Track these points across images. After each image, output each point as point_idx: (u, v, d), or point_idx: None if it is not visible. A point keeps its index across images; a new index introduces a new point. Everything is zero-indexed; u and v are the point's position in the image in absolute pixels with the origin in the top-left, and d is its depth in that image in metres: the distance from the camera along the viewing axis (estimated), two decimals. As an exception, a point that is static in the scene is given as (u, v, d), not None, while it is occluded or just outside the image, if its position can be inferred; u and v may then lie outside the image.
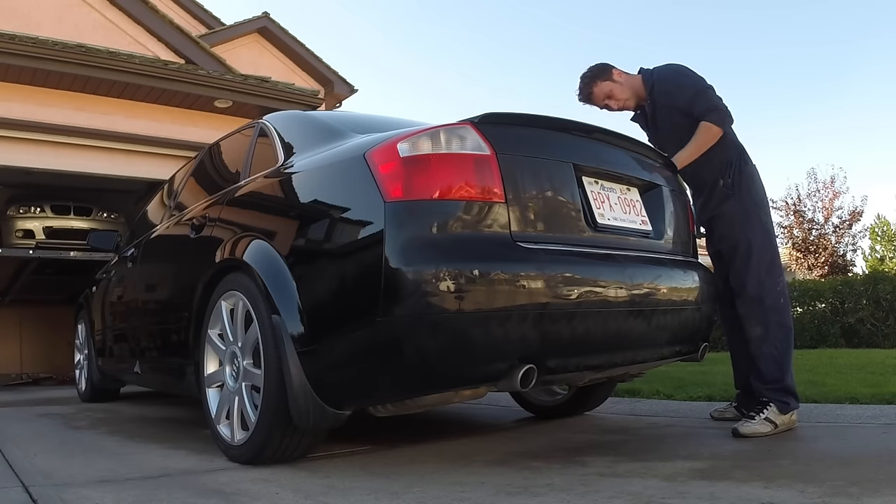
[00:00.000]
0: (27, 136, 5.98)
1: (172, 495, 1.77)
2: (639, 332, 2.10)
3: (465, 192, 1.81)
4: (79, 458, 2.41)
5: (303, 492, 1.77)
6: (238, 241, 2.34)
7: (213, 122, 6.63)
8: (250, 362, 2.19)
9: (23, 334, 9.18)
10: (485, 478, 1.90)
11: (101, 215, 7.74)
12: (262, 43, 9.79)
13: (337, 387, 1.95)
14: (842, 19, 33.94)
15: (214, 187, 2.99)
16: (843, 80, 35.23)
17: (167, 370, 3.05)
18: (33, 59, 5.66)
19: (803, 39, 35.87)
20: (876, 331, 9.03)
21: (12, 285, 8.36)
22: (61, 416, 3.86)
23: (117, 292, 3.91)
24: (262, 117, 2.86)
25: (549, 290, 1.84)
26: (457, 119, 1.93)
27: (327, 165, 2.13)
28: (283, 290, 2.03)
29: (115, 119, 6.36)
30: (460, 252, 1.77)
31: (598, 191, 2.13)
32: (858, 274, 15.15)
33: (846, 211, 18.07)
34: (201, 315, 2.50)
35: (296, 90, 7.18)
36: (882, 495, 1.52)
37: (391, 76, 55.04)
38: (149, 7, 7.15)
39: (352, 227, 1.92)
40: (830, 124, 36.47)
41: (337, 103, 10.14)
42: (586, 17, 44.18)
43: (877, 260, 20.55)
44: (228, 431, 2.27)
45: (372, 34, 55.95)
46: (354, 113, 3.23)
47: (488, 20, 53.08)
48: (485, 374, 1.83)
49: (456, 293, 1.71)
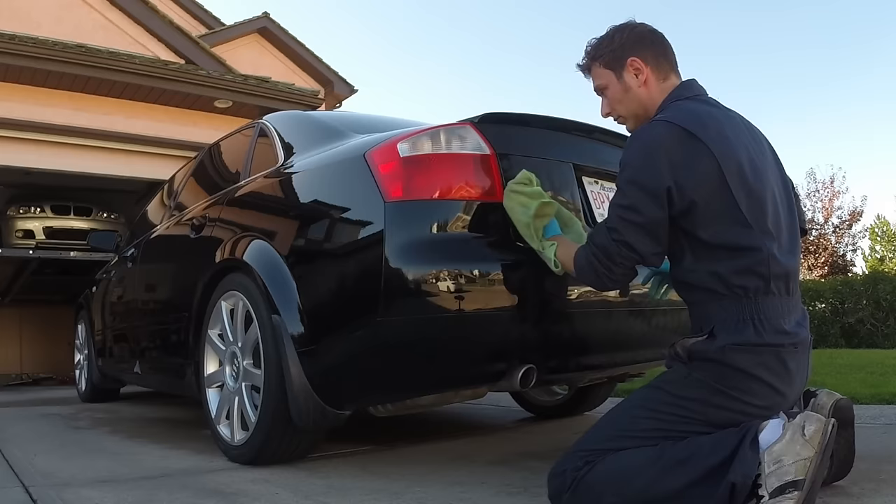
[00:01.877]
0: (27, 136, 5.99)
1: (172, 495, 1.77)
2: (639, 331, 2.10)
3: (466, 192, 1.81)
4: (79, 459, 2.41)
5: (303, 492, 1.77)
6: (238, 241, 2.34)
7: (213, 123, 6.63)
8: (250, 362, 2.19)
9: (23, 334, 9.19)
10: (485, 478, 1.90)
11: (101, 215, 7.74)
12: (262, 43, 9.80)
13: (337, 387, 1.95)
14: (842, 20, 33.97)
15: (214, 187, 2.99)
16: (842, 80, 35.26)
17: (167, 370, 3.05)
18: (33, 59, 5.66)
19: (803, 40, 35.89)
20: (876, 331, 9.04)
21: (12, 285, 8.37)
22: (61, 416, 3.87)
23: (117, 292, 3.91)
24: (262, 117, 2.86)
25: (549, 291, 1.84)
26: (457, 119, 1.93)
27: (327, 165, 2.13)
28: (283, 290, 2.03)
29: (114, 119, 6.37)
30: (460, 252, 1.76)
31: (598, 191, 2.13)
32: (858, 274, 15.17)
33: (846, 211, 18.10)
34: (201, 315, 2.50)
35: (296, 90, 7.19)
36: (882, 495, 1.52)
37: (391, 76, 55.13)
38: (149, 7, 7.16)
39: (352, 227, 1.92)
40: (830, 124, 36.49)
41: (337, 103, 10.14)
42: (588, 20, 44.24)
43: (877, 260, 20.54)
44: (228, 431, 2.27)
45: (372, 34, 56.07)
46: (354, 113, 3.23)
47: (489, 21, 53.16)
48: (485, 374, 1.83)
49: (456, 293, 1.71)
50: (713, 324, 1.44)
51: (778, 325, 1.42)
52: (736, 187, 1.43)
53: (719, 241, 1.44)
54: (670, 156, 1.43)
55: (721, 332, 1.43)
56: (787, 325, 1.43)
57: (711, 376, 1.41)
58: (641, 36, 1.63)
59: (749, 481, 1.30)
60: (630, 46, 1.62)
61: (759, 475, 1.30)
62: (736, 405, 1.40)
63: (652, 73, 1.61)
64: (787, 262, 1.46)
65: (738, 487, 1.30)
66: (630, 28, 1.64)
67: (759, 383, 1.39)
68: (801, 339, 1.45)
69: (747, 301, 1.42)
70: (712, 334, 1.43)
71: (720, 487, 1.31)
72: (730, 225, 1.43)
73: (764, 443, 1.33)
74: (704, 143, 1.43)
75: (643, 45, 1.62)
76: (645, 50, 1.61)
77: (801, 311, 1.52)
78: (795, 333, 1.43)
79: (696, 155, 1.43)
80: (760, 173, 1.49)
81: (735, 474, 1.30)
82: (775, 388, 1.40)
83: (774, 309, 1.43)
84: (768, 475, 1.29)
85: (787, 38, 36.22)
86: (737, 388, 1.40)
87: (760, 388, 1.40)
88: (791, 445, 1.30)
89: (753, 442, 1.33)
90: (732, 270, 1.42)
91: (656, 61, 1.61)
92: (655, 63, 1.61)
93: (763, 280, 1.42)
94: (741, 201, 1.43)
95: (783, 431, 1.33)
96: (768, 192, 1.48)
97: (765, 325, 1.41)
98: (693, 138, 1.43)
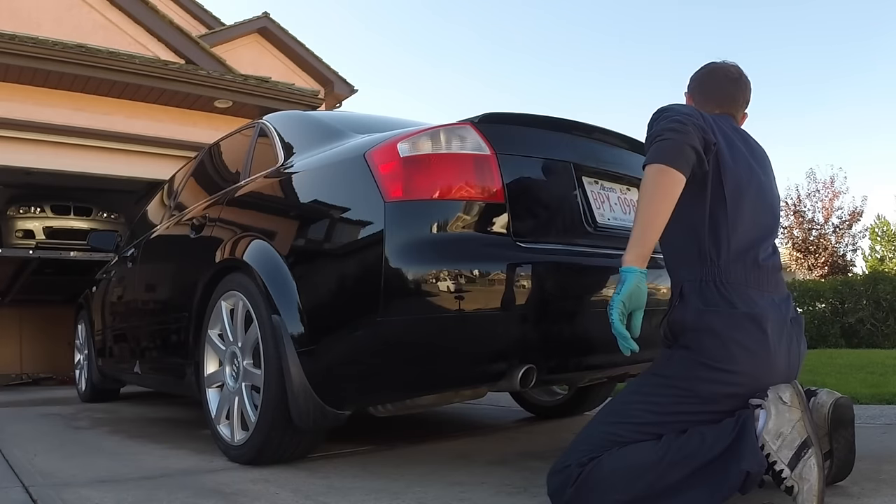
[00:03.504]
0: (27, 136, 5.99)
1: (172, 495, 1.77)
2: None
3: (465, 192, 1.81)
4: (79, 459, 2.41)
5: (303, 492, 1.77)
6: (238, 241, 2.34)
7: (213, 123, 6.63)
8: (250, 362, 2.19)
9: (23, 334, 9.18)
10: (485, 478, 1.90)
11: (101, 215, 7.74)
12: (262, 43, 9.79)
13: (337, 387, 1.95)
14: (842, 20, 33.97)
15: (214, 187, 2.99)
16: (843, 80, 35.27)
17: (167, 370, 3.05)
18: (33, 59, 5.66)
19: (803, 40, 35.90)
20: (876, 331, 9.04)
21: (12, 285, 8.36)
22: (61, 416, 3.86)
23: (117, 292, 3.91)
24: (262, 117, 2.86)
25: (549, 291, 1.84)
26: (457, 119, 1.93)
27: (327, 165, 2.13)
28: (283, 290, 2.03)
29: (114, 119, 6.36)
30: (460, 252, 1.77)
31: (598, 191, 2.13)
32: (858, 274, 15.16)
33: (846, 211, 18.08)
34: (201, 315, 2.50)
35: (296, 90, 7.18)
36: (882, 495, 1.52)
37: (391, 76, 55.15)
38: (149, 7, 7.16)
39: (352, 227, 1.92)
40: (830, 124, 36.50)
41: (337, 103, 10.14)
42: (588, 17, 44.29)
43: (877, 260, 20.55)
44: (228, 431, 2.27)
45: (372, 34, 56.05)
46: (354, 113, 3.23)
47: (489, 20, 53.19)
48: (485, 374, 1.83)
49: (456, 293, 1.71)
50: (680, 283, 1.56)
51: (741, 291, 1.49)
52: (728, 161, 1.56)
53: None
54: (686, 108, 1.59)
55: (690, 293, 1.52)
56: (749, 293, 1.49)
57: (693, 350, 1.47)
58: (699, 75, 1.82)
59: (763, 467, 1.38)
60: (690, 82, 1.83)
61: (768, 455, 1.38)
62: (721, 376, 1.45)
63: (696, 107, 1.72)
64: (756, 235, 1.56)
65: (752, 475, 1.36)
66: (701, 67, 1.83)
67: (738, 346, 1.44)
68: (771, 314, 1.49)
69: (710, 263, 1.51)
70: (681, 295, 1.54)
71: (730, 476, 1.37)
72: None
73: (757, 430, 1.40)
74: (707, 118, 1.57)
75: (696, 83, 1.81)
76: (696, 87, 1.81)
77: (785, 294, 1.58)
78: (761, 305, 1.48)
79: (700, 118, 1.54)
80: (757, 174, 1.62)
81: (749, 463, 1.36)
82: (754, 352, 1.44)
83: (736, 275, 1.50)
84: (778, 450, 1.38)
85: (787, 36, 36.24)
86: (717, 357, 1.45)
87: (740, 353, 1.44)
88: (780, 417, 1.40)
89: (752, 430, 1.40)
90: (700, 225, 1.53)
91: (703, 98, 1.78)
92: (702, 100, 1.77)
93: (728, 243, 1.51)
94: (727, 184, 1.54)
95: (767, 411, 1.41)
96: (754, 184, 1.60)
97: (728, 288, 1.49)
98: (693, 110, 1.58)
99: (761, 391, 1.45)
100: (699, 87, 1.81)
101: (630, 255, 1.46)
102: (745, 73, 1.78)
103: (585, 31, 44.79)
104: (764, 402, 1.43)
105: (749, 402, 1.45)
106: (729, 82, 1.76)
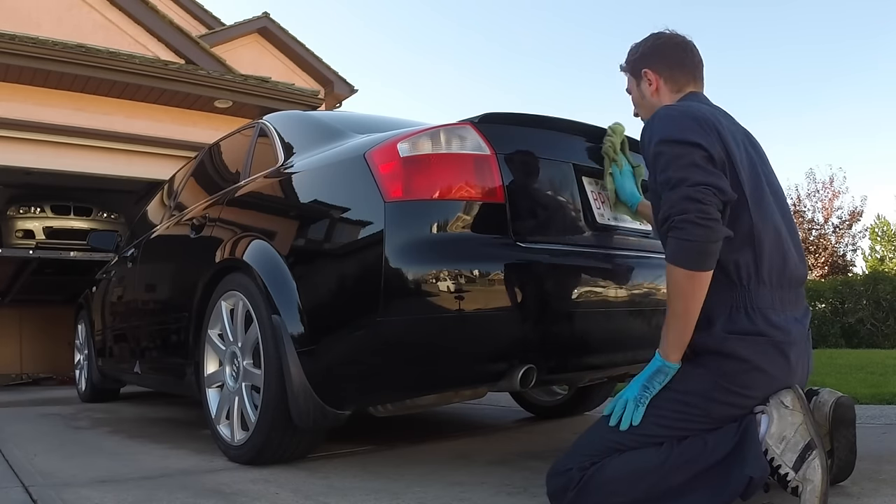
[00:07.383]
0: (27, 136, 5.99)
1: (172, 495, 1.77)
2: (639, 331, 2.10)
3: (466, 192, 1.81)
4: (79, 459, 2.41)
5: (303, 492, 1.77)
6: (238, 241, 2.34)
7: (213, 123, 6.63)
8: (250, 362, 2.19)
9: (23, 334, 9.18)
10: (485, 478, 1.90)
11: (101, 215, 7.74)
12: (262, 43, 9.79)
13: (337, 387, 1.95)
14: (843, 19, 33.96)
15: (214, 187, 2.99)
16: (842, 79, 35.25)
17: (167, 370, 3.05)
18: (33, 59, 5.66)
19: (803, 39, 35.89)
20: (876, 331, 9.05)
21: (12, 285, 8.36)
22: (61, 416, 3.86)
23: (117, 292, 3.91)
24: (262, 117, 2.86)
25: (549, 290, 1.84)
26: (457, 119, 1.93)
27: (327, 165, 2.13)
28: (283, 290, 2.03)
29: (114, 119, 6.36)
30: (460, 252, 1.76)
31: (598, 191, 2.13)
32: (858, 274, 15.17)
33: (846, 211, 18.08)
34: (201, 315, 2.50)
35: (296, 90, 7.19)
36: (882, 495, 1.52)
37: (391, 76, 55.11)
38: (149, 7, 7.16)
39: (352, 227, 1.92)
40: (830, 124, 36.49)
41: (337, 103, 10.14)
42: (589, 17, 44.25)
43: (877, 260, 20.55)
44: (228, 431, 2.27)
45: (372, 34, 56.06)
46: (354, 113, 3.23)
47: (489, 20, 53.18)
48: (485, 374, 1.83)
49: (456, 293, 1.71)
50: (708, 310, 1.45)
51: (768, 316, 1.44)
52: (742, 170, 1.48)
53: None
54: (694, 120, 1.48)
55: (717, 318, 1.45)
56: (776, 318, 1.44)
57: (714, 370, 1.43)
58: (658, 48, 1.71)
59: (766, 472, 1.37)
60: (647, 57, 1.72)
61: (772, 460, 1.38)
62: (737, 400, 1.43)
63: (664, 83, 1.69)
64: (784, 255, 1.50)
65: (756, 479, 1.35)
66: (652, 39, 1.73)
67: (761, 373, 1.42)
68: (795, 335, 1.46)
69: (741, 289, 1.45)
70: (708, 320, 1.45)
71: (732, 481, 1.36)
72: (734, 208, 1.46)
73: (760, 434, 1.40)
74: (713, 124, 1.48)
75: (658, 57, 1.70)
76: (659, 62, 1.70)
77: (804, 308, 1.55)
78: (787, 329, 1.45)
79: (710, 130, 1.46)
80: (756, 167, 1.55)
81: (752, 468, 1.35)
82: (774, 377, 1.43)
83: (765, 300, 1.46)
84: (782, 454, 1.38)
85: (787, 34, 36.23)
86: (738, 382, 1.42)
87: (762, 379, 1.42)
88: (783, 421, 1.40)
89: (755, 435, 1.39)
90: (728, 250, 1.44)
91: (670, 73, 1.68)
92: (669, 74, 1.68)
93: (756, 266, 1.45)
94: (745, 185, 1.46)
95: (769, 416, 1.40)
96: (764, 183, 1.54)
97: (757, 314, 1.44)
98: (700, 119, 1.48)
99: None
100: (662, 59, 1.69)
101: (675, 354, 1.44)
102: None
103: (587, 32, 44.80)
104: (766, 406, 1.43)
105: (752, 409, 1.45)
106: (688, 50, 1.69)
